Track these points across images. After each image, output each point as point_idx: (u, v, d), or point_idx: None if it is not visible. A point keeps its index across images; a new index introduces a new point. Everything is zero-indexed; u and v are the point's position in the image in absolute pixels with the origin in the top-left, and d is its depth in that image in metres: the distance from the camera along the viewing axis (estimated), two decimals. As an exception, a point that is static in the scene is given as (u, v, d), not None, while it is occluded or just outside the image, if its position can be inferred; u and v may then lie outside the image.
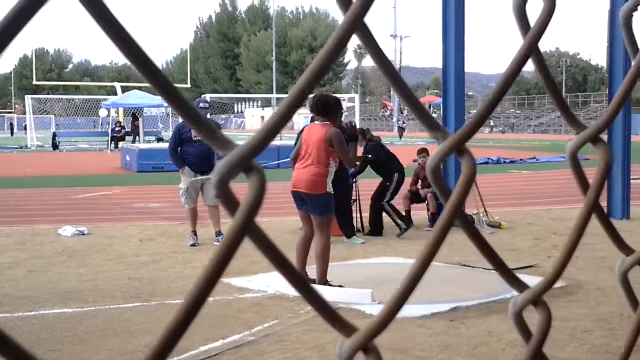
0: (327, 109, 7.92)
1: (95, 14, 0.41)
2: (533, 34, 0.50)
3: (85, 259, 9.68)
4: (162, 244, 10.79)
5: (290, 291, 7.68)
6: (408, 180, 12.67)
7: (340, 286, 7.77)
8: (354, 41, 0.47)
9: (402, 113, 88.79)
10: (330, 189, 7.83)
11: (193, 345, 5.98)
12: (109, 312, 7.06)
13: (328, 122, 7.92)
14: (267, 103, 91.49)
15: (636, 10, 0.54)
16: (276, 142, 29.43)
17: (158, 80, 0.40)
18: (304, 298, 0.50)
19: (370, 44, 0.46)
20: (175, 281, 8.28)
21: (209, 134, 0.43)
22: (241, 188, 0.43)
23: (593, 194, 0.56)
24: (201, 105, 10.95)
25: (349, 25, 0.42)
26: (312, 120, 8.45)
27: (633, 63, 0.57)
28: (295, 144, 9.99)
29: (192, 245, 10.43)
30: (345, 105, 47.37)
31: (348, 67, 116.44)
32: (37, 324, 6.70)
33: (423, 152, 12.60)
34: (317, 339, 5.99)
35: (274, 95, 68.27)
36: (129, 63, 0.43)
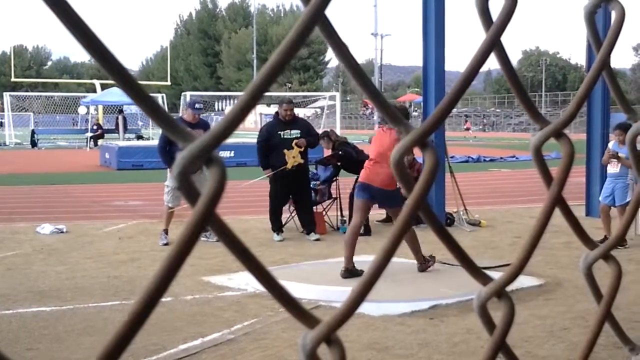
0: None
1: (61, 17, 0.41)
2: (494, 28, 0.50)
3: (64, 256, 9.62)
4: (142, 242, 10.75)
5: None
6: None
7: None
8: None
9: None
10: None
11: (172, 344, 5.97)
12: (87, 311, 7.02)
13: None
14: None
15: (599, 7, 0.54)
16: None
17: (110, 64, 0.40)
18: (267, 290, 0.51)
19: (332, 38, 0.46)
20: (154, 279, 8.24)
21: (169, 126, 0.43)
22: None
23: (556, 188, 0.57)
24: (197, 106, 10.98)
25: (310, 17, 0.42)
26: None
27: (596, 58, 0.57)
28: None
29: (165, 245, 10.39)
30: (325, 103, 47.34)
31: (329, 65, 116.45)
32: (15, 322, 6.65)
33: None
34: (297, 336, 5.92)
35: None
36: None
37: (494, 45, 0.50)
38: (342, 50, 0.47)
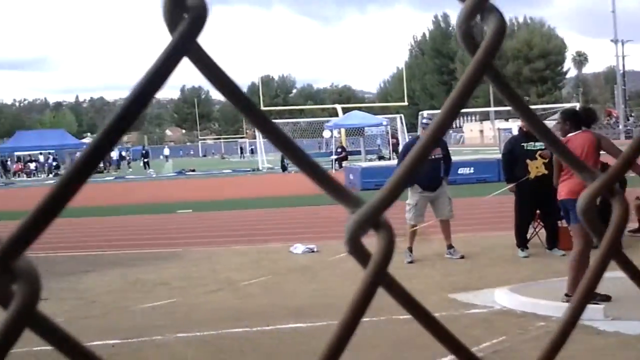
0: None
1: (211, 80, 0.45)
2: None
3: (316, 275, 10.05)
4: (387, 260, 10.98)
5: (518, 307, 7.57)
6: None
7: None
8: (572, 48, 0.49)
9: (628, 119, 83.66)
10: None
11: (421, 360, 6.07)
12: (339, 327, 7.27)
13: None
14: (484, 116, 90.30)
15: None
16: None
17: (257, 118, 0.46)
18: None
19: (500, 83, 0.52)
20: (401, 297, 8.39)
21: (336, 191, 0.48)
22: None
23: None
24: (424, 121, 11.34)
25: (478, 66, 0.49)
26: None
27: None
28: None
29: (410, 262, 10.57)
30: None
31: (567, 76, 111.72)
32: (274, 338, 7.07)
33: None
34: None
35: (492, 109, 67.64)
36: (348, 84, 0.51)
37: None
38: (510, 94, 0.52)
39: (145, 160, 63.71)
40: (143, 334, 7.37)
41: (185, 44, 0.46)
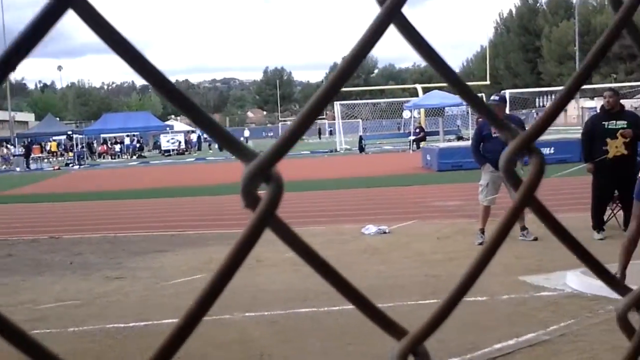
0: None
1: (98, 32, 0.46)
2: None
3: (386, 256, 10.05)
4: (459, 241, 10.88)
5: (589, 290, 7.39)
6: None
7: None
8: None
9: None
10: None
11: (486, 342, 6.00)
12: (404, 309, 7.23)
13: None
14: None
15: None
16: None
17: (169, 89, 0.47)
18: (350, 301, 0.57)
19: (410, 34, 0.50)
20: (470, 278, 8.31)
21: (231, 145, 0.49)
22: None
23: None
24: (491, 97, 11.28)
25: (384, 17, 0.47)
26: None
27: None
28: None
29: (480, 244, 10.42)
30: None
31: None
32: (340, 318, 7.11)
33: None
34: (617, 339, 5.69)
35: (578, 87, 65.88)
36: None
37: None
38: (420, 45, 0.50)
39: (222, 142, 65.01)
40: (212, 313, 7.35)
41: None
